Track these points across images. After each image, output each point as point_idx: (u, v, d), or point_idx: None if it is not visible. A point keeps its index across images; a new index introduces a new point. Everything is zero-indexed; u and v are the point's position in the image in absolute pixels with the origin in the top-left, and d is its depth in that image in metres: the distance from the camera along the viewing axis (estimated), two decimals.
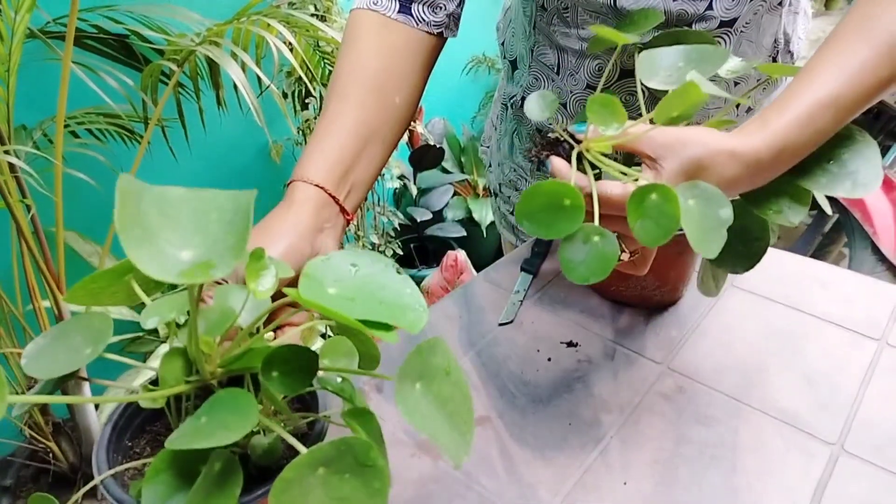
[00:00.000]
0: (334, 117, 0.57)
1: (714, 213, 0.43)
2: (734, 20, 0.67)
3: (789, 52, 0.80)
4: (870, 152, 0.50)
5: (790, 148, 0.48)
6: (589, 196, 0.45)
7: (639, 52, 0.67)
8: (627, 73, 0.76)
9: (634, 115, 0.76)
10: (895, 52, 0.49)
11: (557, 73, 0.81)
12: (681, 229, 0.64)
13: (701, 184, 0.43)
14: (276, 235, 0.50)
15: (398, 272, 0.37)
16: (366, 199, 0.56)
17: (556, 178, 0.48)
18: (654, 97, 0.75)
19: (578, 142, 0.49)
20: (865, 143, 0.50)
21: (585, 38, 0.75)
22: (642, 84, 0.52)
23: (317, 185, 0.53)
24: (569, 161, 0.48)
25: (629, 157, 0.52)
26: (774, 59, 0.79)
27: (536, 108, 0.51)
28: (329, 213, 0.54)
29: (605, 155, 0.48)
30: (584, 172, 0.48)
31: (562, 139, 0.51)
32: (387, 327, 0.33)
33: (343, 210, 0.55)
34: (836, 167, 0.50)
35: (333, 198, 0.54)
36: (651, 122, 0.48)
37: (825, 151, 0.50)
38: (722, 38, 0.69)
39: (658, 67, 0.53)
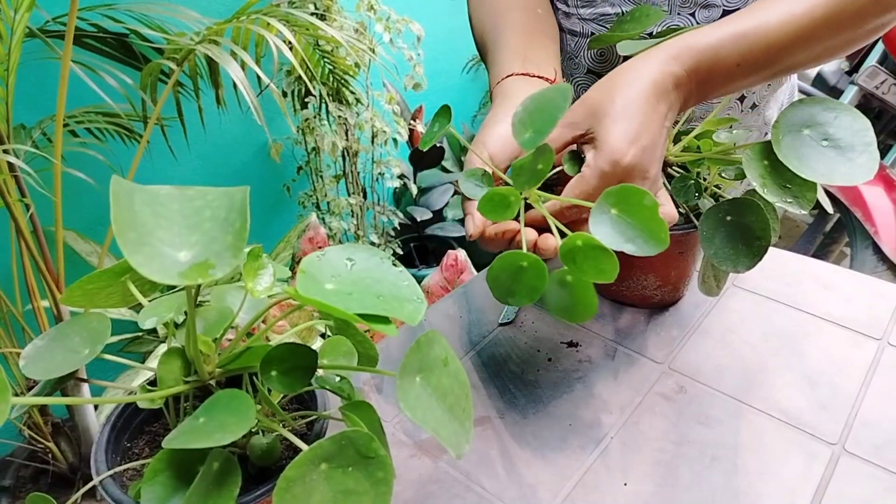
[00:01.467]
0: (496, 39, 0.66)
1: (637, 208, 0.43)
2: (738, 10, 0.67)
3: None
4: (858, 125, 0.50)
5: (707, 65, 0.50)
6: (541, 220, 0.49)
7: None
8: (628, 59, 0.76)
9: None
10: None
11: (560, 54, 0.82)
12: (688, 227, 0.64)
13: (615, 188, 0.44)
14: (496, 118, 0.55)
15: (394, 265, 0.37)
16: (559, 66, 0.67)
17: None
18: None
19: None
20: (852, 116, 0.50)
21: (586, 19, 0.75)
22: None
23: (509, 76, 0.61)
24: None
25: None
26: None
27: (469, 187, 0.52)
28: (533, 84, 0.59)
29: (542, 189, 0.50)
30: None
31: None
32: (385, 320, 0.33)
33: (541, 76, 0.61)
34: (832, 148, 0.49)
35: (526, 73, 0.61)
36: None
37: (814, 127, 0.50)
38: None
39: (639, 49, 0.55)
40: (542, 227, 0.50)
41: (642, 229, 0.43)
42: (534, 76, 0.61)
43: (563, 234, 0.46)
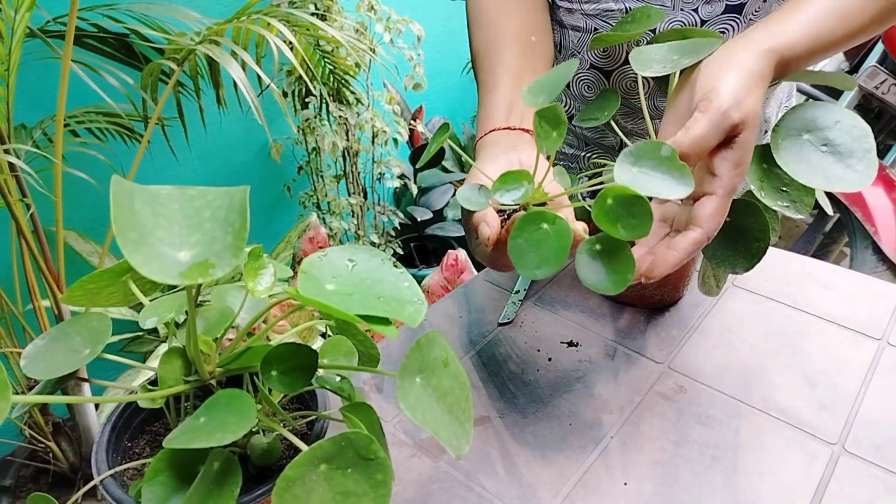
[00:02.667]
0: (485, 79, 0.68)
1: (658, 159, 0.43)
2: (742, 5, 0.67)
3: None
4: (858, 131, 0.50)
5: (793, 50, 0.52)
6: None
7: (644, 41, 0.67)
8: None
9: (634, 101, 0.76)
10: None
11: (560, 52, 0.81)
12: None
13: (629, 148, 0.44)
14: (487, 167, 0.56)
15: (395, 266, 0.37)
16: None
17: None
18: (656, 86, 0.75)
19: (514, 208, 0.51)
20: (852, 121, 0.50)
21: (590, 14, 0.75)
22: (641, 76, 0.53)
23: (492, 130, 0.63)
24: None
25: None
26: None
27: (470, 197, 0.51)
28: (514, 137, 0.62)
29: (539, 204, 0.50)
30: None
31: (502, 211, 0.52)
32: (385, 322, 0.33)
33: (523, 129, 0.63)
34: (830, 154, 0.49)
35: (507, 128, 0.63)
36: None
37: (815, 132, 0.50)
38: (730, 24, 0.68)
39: (650, 60, 0.54)
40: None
41: (667, 173, 0.43)
42: (515, 129, 0.62)
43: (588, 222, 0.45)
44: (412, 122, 2.14)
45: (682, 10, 0.69)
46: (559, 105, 0.48)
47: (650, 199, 0.42)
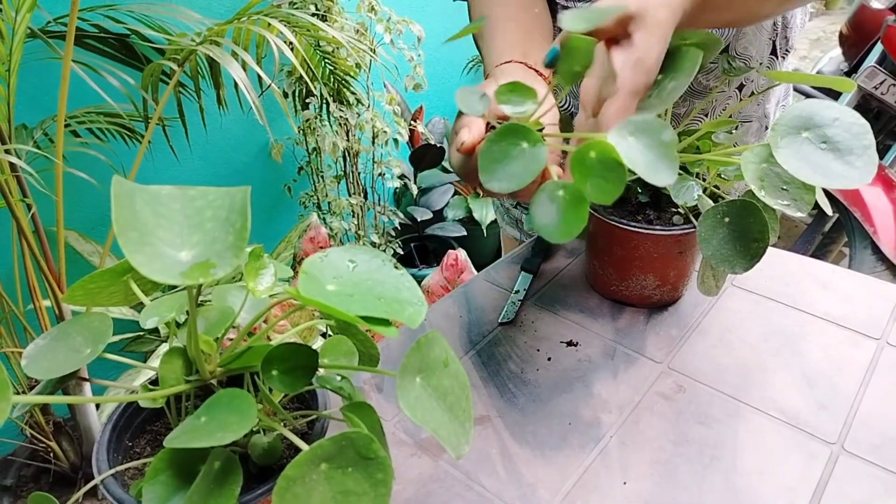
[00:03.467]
0: (493, 31, 0.66)
1: (656, 140, 0.42)
2: None
3: (786, 37, 0.81)
4: (857, 128, 0.50)
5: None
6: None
7: None
8: None
9: None
10: None
11: None
12: (687, 227, 0.65)
13: (634, 118, 0.42)
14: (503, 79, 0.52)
15: (396, 267, 0.37)
16: None
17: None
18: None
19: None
20: (851, 119, 0.50)
21: None
22: None
23: (508, 62, 0.61)
24: None
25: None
26: (773, 42, 0.79)
27: (467, 99, 0.48)
28: (531, 76, 0.60)
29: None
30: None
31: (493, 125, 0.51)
32: (386, 323, 0.33)
33: (539, 73, 0.60)
34: (830, 151, 0.50)
35: (526, 64, 0.61)
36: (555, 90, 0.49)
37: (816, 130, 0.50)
38: None
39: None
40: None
41: (659, 156, 0.41)
42: (532, 69, 0.62)
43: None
44: (412, 122, 2.14)
45: None
46: (593, 40, 0.45)
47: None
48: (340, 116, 1.74)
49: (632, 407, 0.62)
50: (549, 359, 0.69)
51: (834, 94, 2.20)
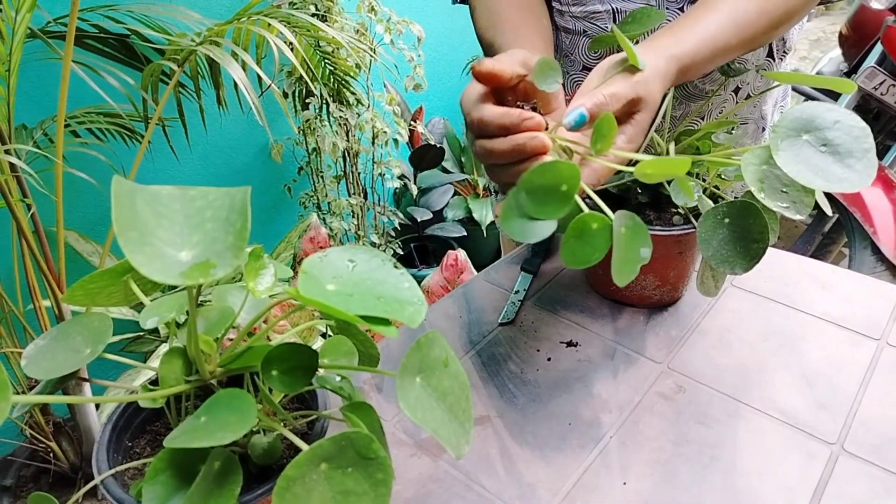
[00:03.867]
0: (515, 36, 0.68)
1: (637, 247, 0.47)
2: None
3: (783, 38, 0.81)
4: (857, 131, 0.50)
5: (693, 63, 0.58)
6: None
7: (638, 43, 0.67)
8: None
9: None
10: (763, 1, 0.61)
11: (557, 52, 0.82)
12: (687, 227, 0.65)
13: (635, 217, 0.46)
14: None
15: (396, 267, 0.37)
16: None
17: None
18: None
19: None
20: (851, 121, 0.50)
21: (578, 17, 0.75)
22: None
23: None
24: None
25: None
26: (770, 45, 0.79)
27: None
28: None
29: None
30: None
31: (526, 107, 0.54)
32: (385, 322, 0.33)
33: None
34: (830, 154, 0.50)
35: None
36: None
37: (814, 133, 0.50)
38: None
39: None
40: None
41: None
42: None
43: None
44: (412, 122, 2.14)
45: (667, 9, 0.70)
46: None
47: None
48: (340, 117, 1.74)
49: (632, 407, 0.62)
50: (548, 359, 0.69)
51: (834, 95, 2.20)
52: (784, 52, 0.82)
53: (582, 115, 0.49)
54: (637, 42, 0.72)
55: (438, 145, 2.13)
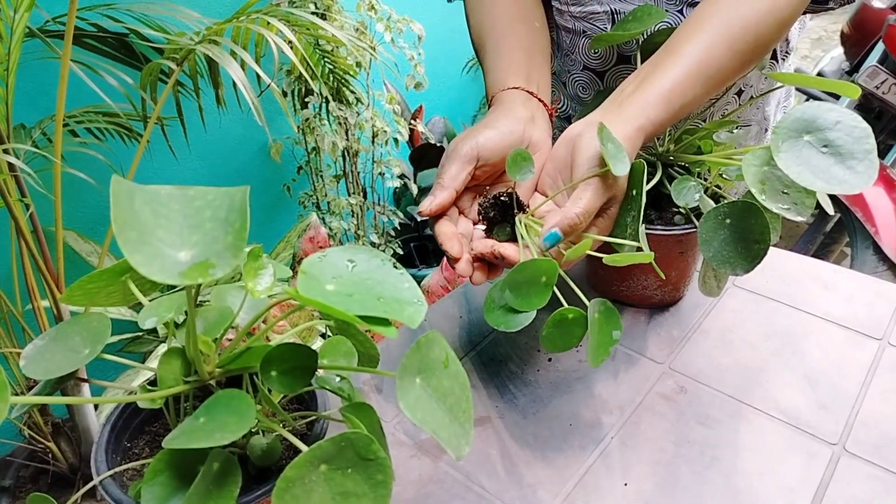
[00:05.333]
0: (496, 46, 0.68)
1: (609, 330, 0.53)
2: None
3: (786, 39, 0.81)
4: (858, 131, 0.49)
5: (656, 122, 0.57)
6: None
7: (638, 44, 0.67)
8: (624, 59, 0.76)
9: None
10: (734, 41, 0.59)
11: (557, 51, 0.82)
12: (688, 227, 0.64)
13: (606, 302, 0.53)
14: (493, 122, 0.59)
15: (395, 267, 0.37)
16: (549, 100, 0.68)
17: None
18: None
19: (521, 205, 0.56)
20: (853, 122, 0.50)
21: (577, 17, 0.75)
22: None
23: (513, 88, 0.63)
24: (508, 219, 0.56)
25: None
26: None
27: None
28: (533, 105, 0.63)
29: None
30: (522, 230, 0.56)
31: (508, 202, 0.56)
32: (385, 322, 0.33)
33: (542, 102, 0.64)
34: (831, 155, 0.49)
35: (530, 92, 0.63)
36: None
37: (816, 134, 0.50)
38: None
39: None
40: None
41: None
42: (535, 96, 0.64)
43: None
44: (412, 121, 2.13)
45: (667, 11, 0.70)
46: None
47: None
48: (340, 116, 1.74)
49: (633, 408, 0.62)
50: (549, 359, 0.68)
51: (836, 94, 2.20)
52: (787, 52, 0.82)
53: (556, 236, 0.52)
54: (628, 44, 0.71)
55: (438, 144, 2.13)
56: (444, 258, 0.94)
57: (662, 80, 0.58)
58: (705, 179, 0.67)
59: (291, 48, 1.27)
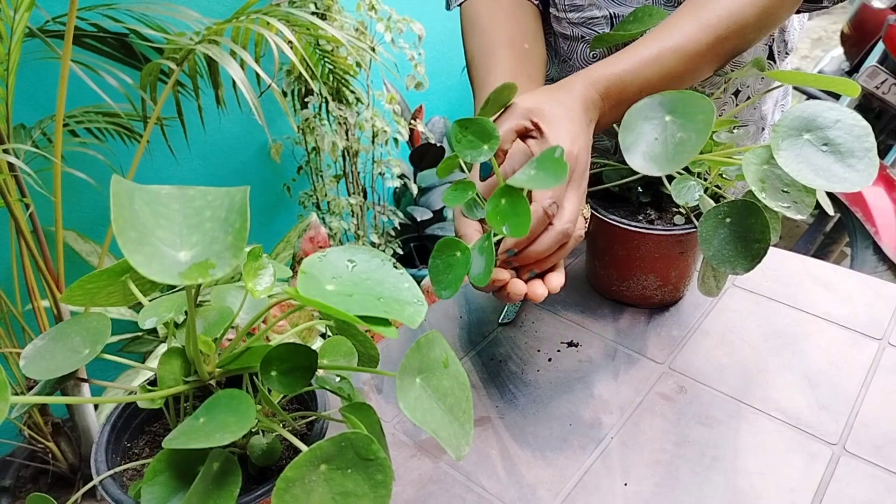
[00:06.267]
0: (482, 83, 0.69)
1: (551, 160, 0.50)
2: None
3: (784, 41, 0.80)
4: (858, 130, 0.49)
5: (619, 89, 0.58)
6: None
7: None
8: None
9: None
10: (716, 29, 0.59)
11: (555, 57, 0.82)
12: (688, 227, 0.64)
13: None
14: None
15: (395, 267, 0.37)
16: None
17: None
18: None
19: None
20: (853, 120, 0.50)
21: (575, 23, 0.75)
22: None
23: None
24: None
25: None
26: (770, 47, 0.79)
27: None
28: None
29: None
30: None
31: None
32: (385, 322, 0.33)
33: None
34: (831, 153, 0.49)
35: None
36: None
37: (816, 132, 0.50)
38: None
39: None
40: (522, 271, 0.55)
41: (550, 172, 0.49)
42: None
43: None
44: (412, 121, 2.13)
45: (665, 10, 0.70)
46: (487, 120, 0.54)
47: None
48: (340, 116, 1.74)
49: (633, 408, 0.62)
50: (549, 359, 0.68)
51: (835, 94, 2.20)
52: (786, 53, 0.82)
53: (486, 164, 0.54)
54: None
55: (438, 144, 2.13)
56: None
57: (631, 51, 0.59)
58: (705, 179, 0.67)
59: (291, 48, 1.27)
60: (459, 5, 0.77)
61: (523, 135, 0.57)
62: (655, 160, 0.52)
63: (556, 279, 0.55)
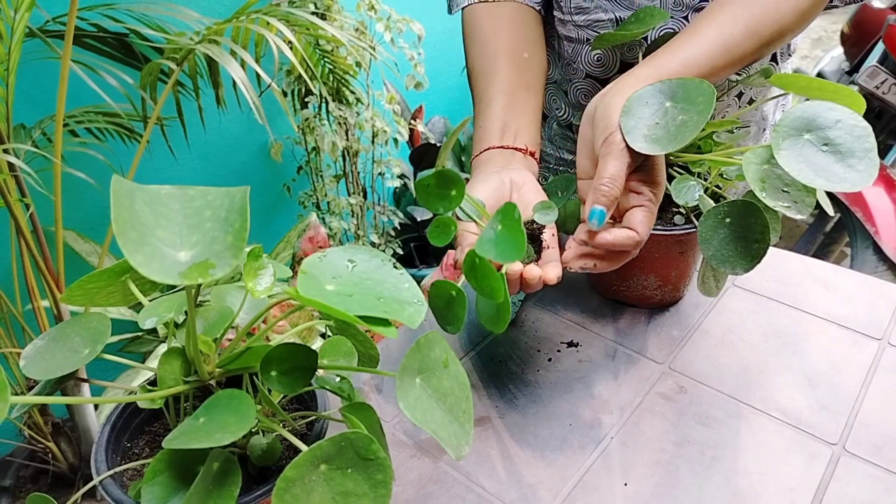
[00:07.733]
0: (480, 97, 0.70)
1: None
2: None
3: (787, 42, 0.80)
4: (859, 130, 0.49)
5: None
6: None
7: (641, 47, 0.67)
8: (627, 66, 0.76)
9: None
10: (753, 24, 0.59)
11: (558, 61, 0.82)
12: (688, 227, 0.64)
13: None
14: (478, 186, 0.61)
15: (395, 267, 0.37)
16: (540, 135, 0.71)
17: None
18: None
19: (540, 229, 0.58)
20: (853, 120, 0.50)
21: (581, 26, 0.75)
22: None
23: (486, 149, 0.65)
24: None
25: None
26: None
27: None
28: (507, 154, 0.65)
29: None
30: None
31: (532, 232, 0.58)
32: (385, 323, 0.33)
33: (516, 148, 0.66)
34: (831, 153, 0.49)
35: (503, 146, 0.65)
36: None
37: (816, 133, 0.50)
38: None
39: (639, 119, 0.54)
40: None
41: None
42: (509, 148, 0.65)
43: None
44: (412, 121, 2.13)
45: (672, 17, 0.70)
46: (449, 170, 0.56)
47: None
48: (340, 116, 1.74)
49: (633, 408, 0.62)
50: (549, 360, 0.68)
51: None
52: (788, 54, 0.82)
53: (598, 212, 0.52)
54: (631, 49, 0.71)
55: (438, 144, 2.13)
56: (444, 258, 0.93)
57: (678, 52, 0.58)
58: (705, 179, 0.67)
59: (291, 48, 1.27)
60: (462, 9, 0.77)
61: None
62: (657, 141, 0.52)
63: (554, 270, 0.57)
